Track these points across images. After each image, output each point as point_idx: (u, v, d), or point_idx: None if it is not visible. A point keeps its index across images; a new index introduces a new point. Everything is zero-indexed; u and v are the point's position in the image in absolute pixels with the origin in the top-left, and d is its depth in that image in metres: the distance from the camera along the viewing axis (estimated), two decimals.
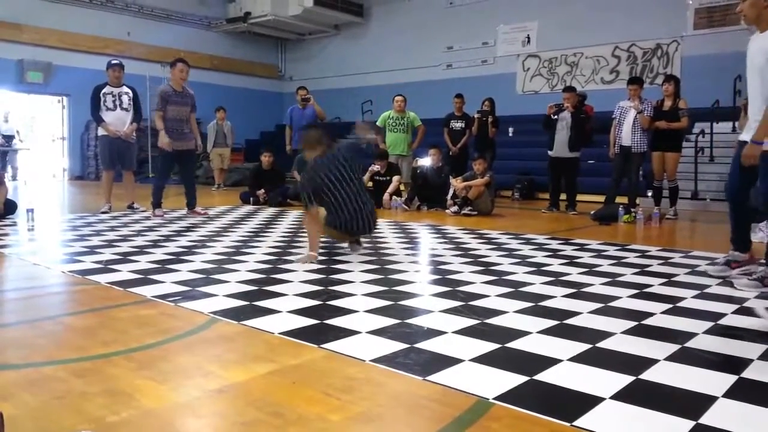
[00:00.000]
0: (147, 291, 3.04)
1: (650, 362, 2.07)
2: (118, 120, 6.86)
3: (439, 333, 2.37)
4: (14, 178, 13.80)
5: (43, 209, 7.24)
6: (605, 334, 2.38)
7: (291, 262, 3.89)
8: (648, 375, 1.95)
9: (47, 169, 15.04)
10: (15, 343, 2.33)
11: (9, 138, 14.17)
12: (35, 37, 13.47)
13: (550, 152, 7.74)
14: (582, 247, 4.72)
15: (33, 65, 13.42)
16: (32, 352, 2.19)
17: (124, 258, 3.97)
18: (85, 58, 13.84)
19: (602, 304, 2.87)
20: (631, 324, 2.54)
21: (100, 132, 6.94)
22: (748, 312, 2.80)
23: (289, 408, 1.70)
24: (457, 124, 9.21)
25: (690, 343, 2.29)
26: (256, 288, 3.13)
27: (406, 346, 2.20)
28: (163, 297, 2.92)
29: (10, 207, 6.26)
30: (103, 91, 6.83)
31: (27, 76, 13.37)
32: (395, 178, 8.10)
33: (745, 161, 3.39)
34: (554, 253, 4.39)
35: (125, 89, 6.96)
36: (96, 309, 2.77)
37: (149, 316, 2.64)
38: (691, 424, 1.59)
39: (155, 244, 4.61)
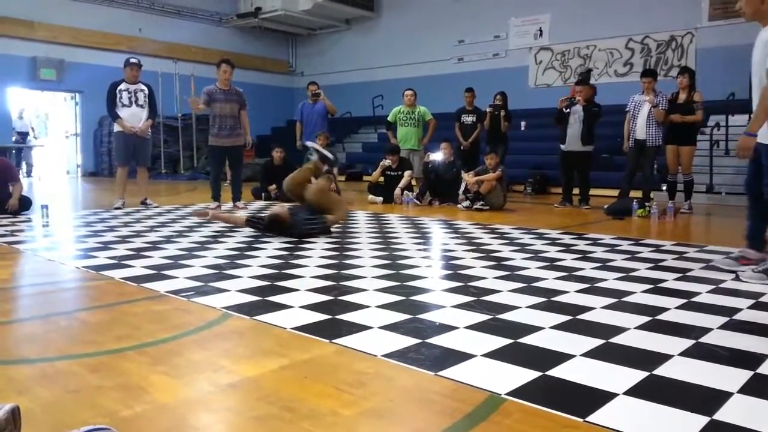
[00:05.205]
0: (160, 286, 3.06)
1: (664, 358, 2.05)
2: (133, 116, 6.92)
3: (451, 328, 2.36)
4: (29, 174, 13.96)
5: (58, 205, 7.31)
6: (618, 330, 2.36)
7: (303, 257, 3.89)
8: (662, 371, 1.93)
9: (61, 165, 15.18)
10: (30, 338, 2.36)
11: (23, 135, 14.35)
12: (48, 34, 13.58)
13: (562, 146, 7.68)
14: (595, 242, 4.68)
15: (46, 62, 13.54)
16: (47, 346, 2.22)
17: (138, 254, 4.00)
18: (97, 54, 13.95)
19: (616, 300, 2.85)
20: (645, 319, 2.52)
21: (116, 128, 7.00)
22: (764, 307, 2.76)
23: (300, 402, 1.70)
24: (468, 119, 9.16)
25: (704, 339, 2.27)
26: (268, 283, 3.14)
27: (417, 341, 2.20)
28: (176, 292, 2.94)
29: (25, 203, 6.33)
30: (119, 87, 6.89)
31: (40, 74, 13.49)
32: (407, 173, 8.08)
33: (739, 153, 3.40)
34: (567, 248, 4.36)
35: (141, 86, 7.02)
36: (110, 304, 2.80)
37: (162, 311, 2.66)
38: (705, 420, 1.58)
39: (168, 239, 4.64)
